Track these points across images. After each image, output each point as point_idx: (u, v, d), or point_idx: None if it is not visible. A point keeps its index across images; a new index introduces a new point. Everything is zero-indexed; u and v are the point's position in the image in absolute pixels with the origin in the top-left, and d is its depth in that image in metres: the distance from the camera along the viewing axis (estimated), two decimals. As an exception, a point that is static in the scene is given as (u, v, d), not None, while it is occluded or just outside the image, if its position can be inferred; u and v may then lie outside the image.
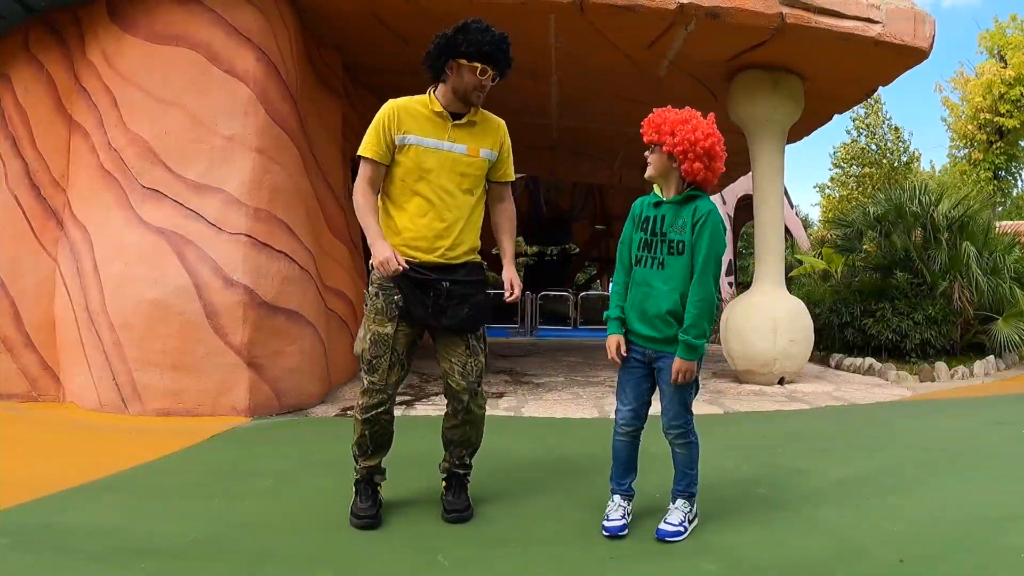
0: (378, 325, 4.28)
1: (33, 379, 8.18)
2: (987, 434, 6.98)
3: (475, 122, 4.42)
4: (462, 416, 4.51)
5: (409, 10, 8.40)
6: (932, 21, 9.55)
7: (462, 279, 4.40)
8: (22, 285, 8.18)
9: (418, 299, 4.28)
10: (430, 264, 4.31)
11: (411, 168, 4.26)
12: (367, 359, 4.28)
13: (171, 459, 5.83)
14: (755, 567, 3.64)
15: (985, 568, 3.62)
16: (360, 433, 4.36)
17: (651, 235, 4.12)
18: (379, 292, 4.29)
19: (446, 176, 4.32)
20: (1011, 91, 27.58)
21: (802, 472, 5.51)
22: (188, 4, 7.90)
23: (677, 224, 4.05)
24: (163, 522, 4.27)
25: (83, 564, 3.61)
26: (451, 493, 4.57)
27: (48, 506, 4.55)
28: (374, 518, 4.26)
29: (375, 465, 4.46)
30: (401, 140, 4.25)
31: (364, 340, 4.31)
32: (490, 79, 4.26)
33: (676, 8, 8.50)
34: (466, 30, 4.21)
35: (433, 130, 4.29)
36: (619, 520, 4.15)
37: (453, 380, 4.44)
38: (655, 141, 4.05)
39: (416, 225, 4.27)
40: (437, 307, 4.32)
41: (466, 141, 4.37)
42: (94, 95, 8.11)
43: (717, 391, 9.82)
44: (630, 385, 4.24)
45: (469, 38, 4.18)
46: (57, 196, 8.35)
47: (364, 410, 4.31)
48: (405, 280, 4.23)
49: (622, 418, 4.25)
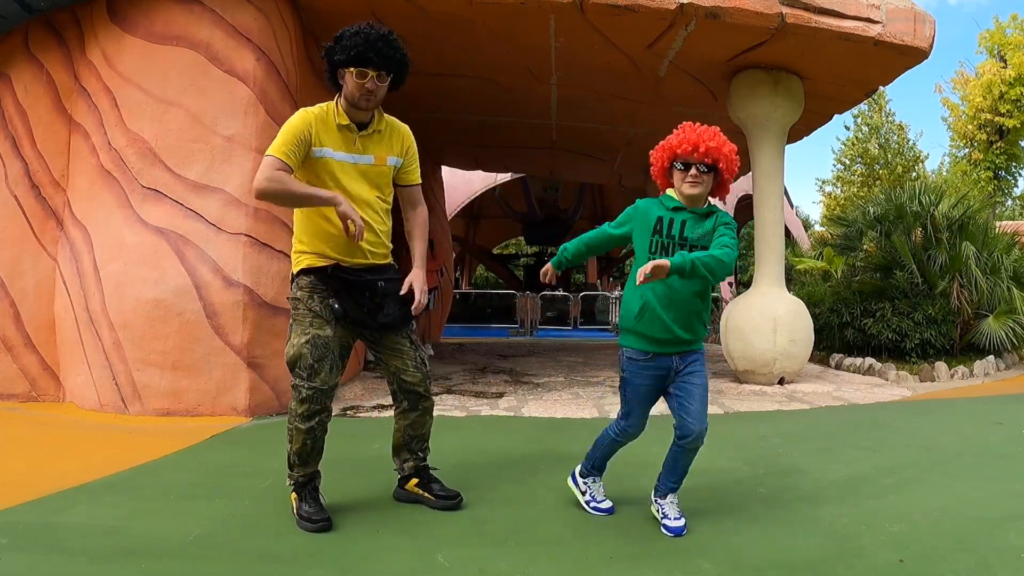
0: (317, 328, 4.23)
1: (33, 379, 8.18)
2: (987, 434, 6.99)
3: (380, 131, 4.44)
4: (422, 406, 4.62)
5: (410, 10, 8.40)
6: (932, 21, 9.54)
7: (392, 278, 4.49)
8: (22, 285, 8.18)
9: (354, 300, 4.34)
10: (360, 266, 4.39)
11: (326, 180, 4.28)
12: (308, 364, 4.18)
13: (171, 459, 5.83)
14: (755, 567, 3.64)
15: (985, 568, 3.62)
16: (302, 443, 4.27)
17: (667, 238, 4.13)
18: (313, 295, 4.28)
19: (361, 185, 4.38)
20: (1011, 91, 27.59)
21: (802, 472, 5.52)
22: (188, 4, 7.90)
23: (697, 230, 4.12)
24: (163, 522, 4.27)
25: (83, 564, 3.61)
26: (435, 484, 4.66)
27: (48, 506, 4.55)
28: (329, 520, 4.19)
29: (315, 471, 4.42)
30: (319, 153, 4.26)
31: (300, 345, 4.20)
32: (374, 81, 4.19)
33: (676, 8, 8.50)
34: (340, 38, 4.21)
35: (343, 142, 4.32)
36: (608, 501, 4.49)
37: (408, 375, 4.52)
38: (716, 163, 4.09)
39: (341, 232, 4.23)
40: (373, 307, 4.39)
41: (373, 151, 4.42)
42: (94, 95, 8.12)
43: (717, 391, 9.82)
44: (650, 403, 4.34)
45: (342, 44, 4.18)
46: (57, 196, 8.35)
47: (306, 418, 4.23)
48: (340, 282, 4.31)
49: (633, 430, 4.39)
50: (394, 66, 4.27)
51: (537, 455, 6.07)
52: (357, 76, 4.14)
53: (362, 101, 4.22)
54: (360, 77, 4.14)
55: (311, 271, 4.32)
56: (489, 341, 19.42)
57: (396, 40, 4.26)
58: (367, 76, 4.15)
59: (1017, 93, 27.53)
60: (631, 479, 5.09)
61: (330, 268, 4.31)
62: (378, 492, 4.88)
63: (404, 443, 4.68)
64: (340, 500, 4.59)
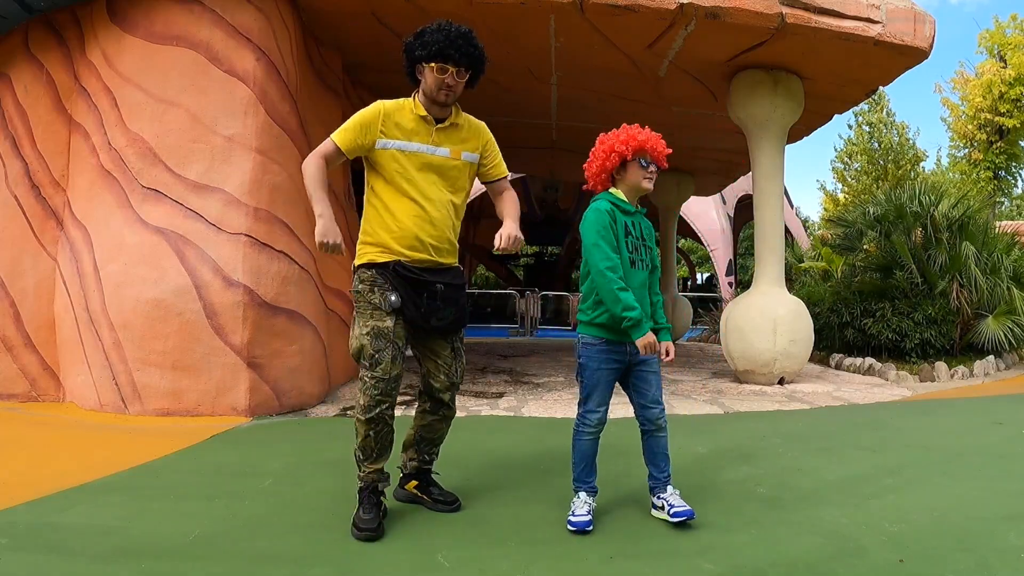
0: (377, 320, 4.24)
1: (33, 379, 8.18)
2: (987, 434, 6.98)
3: (458, 124, 4.50)
4: (442, 413, 4.65)
5: (410, 10, 8.40)
6: (932, 21, 9.54)
7: (451, 282, 4.49)
8: (22, 285, 8.19)
9: (410, 298, 4.32)
10: (422, 264, 4.37)
11: (397, 170, 4.31)
12: (369, 354, 4.20)
13: (171, 459, 5.83)
14: (755, 567, 3.64)
15: (985, 568, 3.62)
16: (364, 435, 4.25)
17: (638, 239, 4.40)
18: (374, 288, 4.29)
19: (431, 179, 4.39)
20: (1011, 91, 27.62)
21: (802, 472, 5.52)
22: (188, 4, 7.91)
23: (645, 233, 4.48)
24: (163, 522, 4.27)
25: (83, 564, 3.61)
26: (433, 488, 4.71)
27: (48, 506, 4.56)
28: (376, 530, 4.10)
29: (380, 469, 4.34)
30: (383, 144, 4.32)
31: (362, 336, 4.24)
32: (453, 76, 4.28)
33: (676, 8, 8.51)
34: (422, 34, 4.32)
35: (417, 134, 4.36)
36: (586, 516, 4.23)
37: (438, 380, 4.56)
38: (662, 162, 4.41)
39: (407, 226, 4.30)
40: (429, 308, 4.38)
41: (448, 144, 4.45)
42: (94, 95, 8.12)
43: (717, 391, 9.83)
44: (608, 387, 4.40)
45: (424, 40, 4.28)
46: (57, 196, 8.36)
47: (367, 409, 4.20)
48: (400, 279, 4.30)
49: (598, 420, 4.39)
50: (473, 62, 4.36)
51: (537, 455, 6.07)
52: (438, 71, 4.23)
53: (441, 95, 4.30)
54: (441, 72, 4.23)
55: (373, 266, 4.34)
56: (489, 341, 19.39)
57: (476, 38, 4.37)
58: (447, 71, 4.24)
59: (1017, 93, 27.56)
60: (629, 478, 5.10)
61: (392, 264, 4.31)
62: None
63: (415, 442, 4.71)
64: (339, 500, 4.59)
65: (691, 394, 9.49)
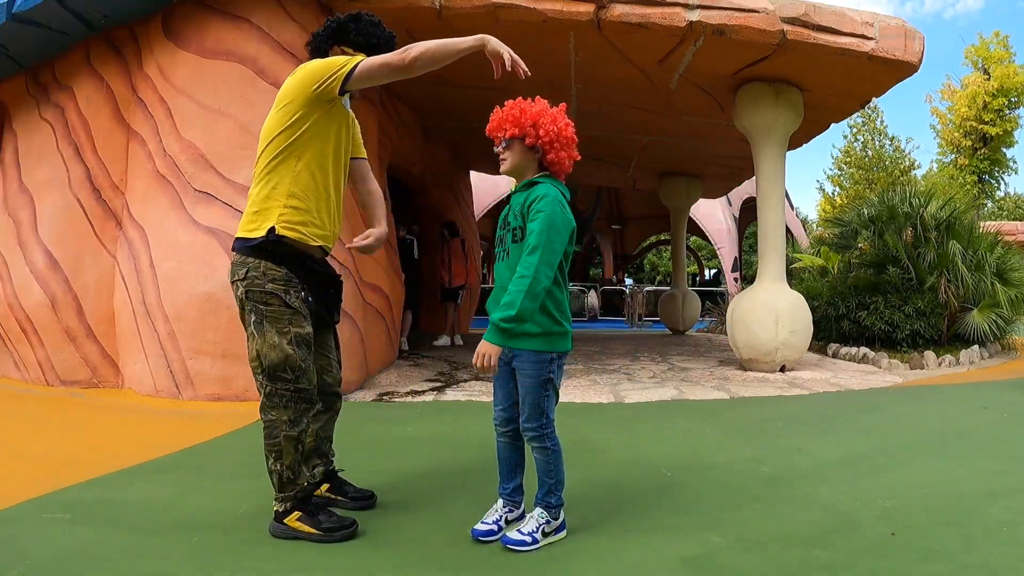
0: (297, 327, 3.62)
1: (94, 367, 8.24)
2: (972, 417, 6.94)
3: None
4: (336, 407, 4.15)
5: (440, 27, 8.39)
6: (921, 38, 9.48)
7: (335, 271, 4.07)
8: (84, 280, 8.24)
9: (318, 295, 3.82)
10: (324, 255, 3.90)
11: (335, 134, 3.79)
12: (296, 364, 3.60)
13: (221, 440, 5.87)
14: (758, 540, 3.62)
15: (971, 540, 3.60)
16: (292, 452, 3.63)
17: (502, 228, 3.67)
18: (289, 288, 3.62)
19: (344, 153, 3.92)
20: (994, 101, 27.52)
21: (802, 452, 5.50)
22: (237, 22, 7.93)
23: (516, 210, 3.57)
24: (214, 499, 4.29)
25: (142, 537, 3.64)
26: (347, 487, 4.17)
27: (109, 484, 4.60)
28: (349, 524, 3.65)
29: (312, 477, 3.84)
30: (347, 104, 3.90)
31: (283, 346, 3.57)
32: None
33: (686, 26, 8.49)
34: (358, 20, 3.95)
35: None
36: (490, 524, 3.69)
37: (331, 376, 4.06)
38: (516, 135, 3.59)
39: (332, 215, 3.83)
40: (334, 302, 4.01)
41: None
42: (150, 105, 8.16)
43: (723, 378, 9.79)
44: (499, 385, 3.72)
45: (360, 28, 3.93)
46: (116, 199, 8.42)
47: (294, 423, 3.61)
48: (310, 275, 3.76)
49: (496, 419, 3.77)
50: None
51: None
52: None
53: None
54: None
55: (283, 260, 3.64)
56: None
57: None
58: None
59: (1000, 103, 27.45)
60: (644, 448, 5.09)
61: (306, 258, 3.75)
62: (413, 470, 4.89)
63: (315, 447, 3.99)
64: (379, 477, 4.59)
65: (700, 381, 9.45)
